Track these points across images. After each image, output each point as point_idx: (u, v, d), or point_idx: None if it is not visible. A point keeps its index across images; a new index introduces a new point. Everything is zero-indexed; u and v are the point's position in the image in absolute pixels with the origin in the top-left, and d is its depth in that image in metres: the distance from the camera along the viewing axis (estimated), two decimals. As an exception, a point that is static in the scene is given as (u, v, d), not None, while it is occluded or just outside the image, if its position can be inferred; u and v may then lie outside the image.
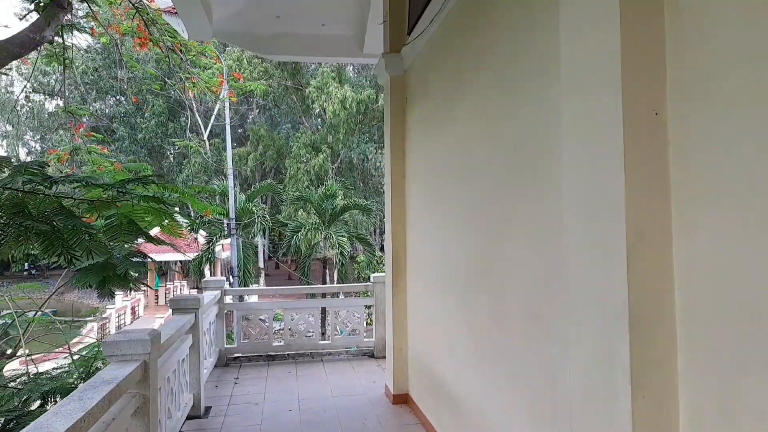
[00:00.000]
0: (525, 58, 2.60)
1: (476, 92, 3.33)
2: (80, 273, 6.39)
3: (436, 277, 4.23)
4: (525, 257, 2.62)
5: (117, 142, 41.47)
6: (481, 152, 3.21)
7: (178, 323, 4.45)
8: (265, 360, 7.10)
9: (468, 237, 3.41)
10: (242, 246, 18.85)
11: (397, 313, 5.30)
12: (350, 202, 20.07)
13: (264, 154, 35.75)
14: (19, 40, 7.44)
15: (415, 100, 4.91)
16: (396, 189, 5.33)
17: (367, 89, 31.23)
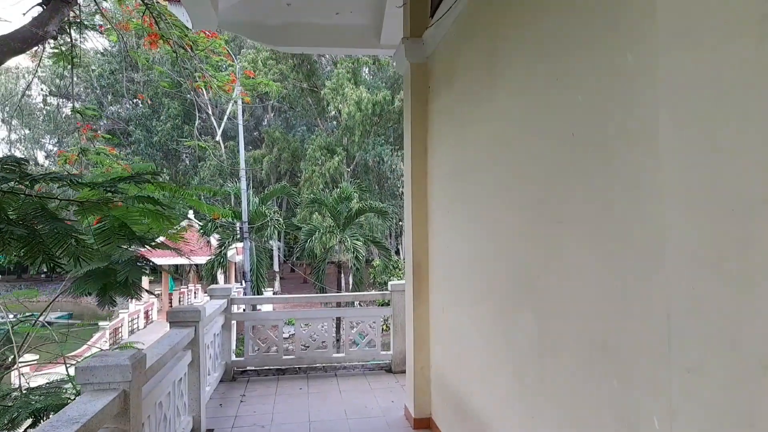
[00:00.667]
0: (583, 15, 2.07)
1: (516, 74, 2.79)
2: (80, 280, 5.96)
3: (465, 289, 3.69)
4: (586, 268, 2.08)
5: (133, 145, 41.52)
6: (524, 144, 2.67)
7: (173, 339, 3.96)
8: (275, 374, 6.60)
9: (508, 242, 2.87)
10: (255, 250, 18.43)
11: (419, 327, 4.76)
12: (366, 205, 19.59)
13: (279, 157, 35.45)
14: (21, 35, 7.04)
15: (440, 89, 4.38)
16: (417, 189, 4.80)
17: (383, 90, 30.76)
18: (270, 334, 6.72)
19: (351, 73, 31.25)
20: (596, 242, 2.00)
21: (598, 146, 1.98)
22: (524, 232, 2.64)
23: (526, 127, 2.63)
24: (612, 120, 1.87)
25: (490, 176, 3.11)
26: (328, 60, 36.73)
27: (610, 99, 1.88)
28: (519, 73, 2.73)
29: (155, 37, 10.23)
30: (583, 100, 2.08)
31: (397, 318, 6.66)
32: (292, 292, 38.23)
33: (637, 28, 1.69)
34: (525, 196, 2.62)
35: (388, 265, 19.77)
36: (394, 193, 34.36)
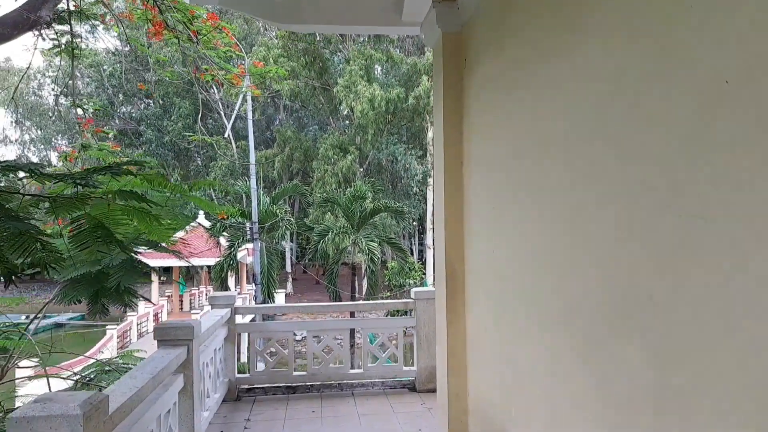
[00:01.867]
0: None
1: (616, 11, 2.03)
2: (69, 286, 5.31)
3: (524, 307, 2.91)
4: (746, 287, 1.31)
5: (144, 145, 41.17)
6: (630, 107, 1.90)
7: (157, 364, 3.23)
8: (284, 392, 5.87)
9: (602, 248, 2.09)
10: (266, 251, 17.74)
11: (454, 346, 3.99)
12: (381, 205, 18.83)
13: (291, 156, 34.83)
14: (11, 20, 6.37)
15: (481, 61, 3.61)
16: (450, 181, 4.03)
17: (397, 88, 29.99)
18: (278, 347, 5.98)
19: (364, 70, 30.52)
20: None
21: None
22: (632, 233, 1.86)
23: (632, 82, 1.86)
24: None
25: (572, 156, 2.33)
26: (341, 58, 36.08)
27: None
28: (623, 7, 1.95)
29: (160, 27, 9.53)
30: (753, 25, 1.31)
31: (421, 330, 5.90)
32: (304, 294, 37.61)
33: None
34: (635, 181, 1.85)
35: (403, 267, 18.97)
36: (408, 192, 33.60)
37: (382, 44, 32.51)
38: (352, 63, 30.73)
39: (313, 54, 33.12)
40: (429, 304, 5.87)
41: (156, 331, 3.85)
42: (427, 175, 32.91)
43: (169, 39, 8.97)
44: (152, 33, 9.90)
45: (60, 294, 5.28)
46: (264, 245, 17.49)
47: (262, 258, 17.04)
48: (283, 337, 6.04)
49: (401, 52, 36.08)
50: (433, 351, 5.88)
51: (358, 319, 6.59)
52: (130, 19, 10.75)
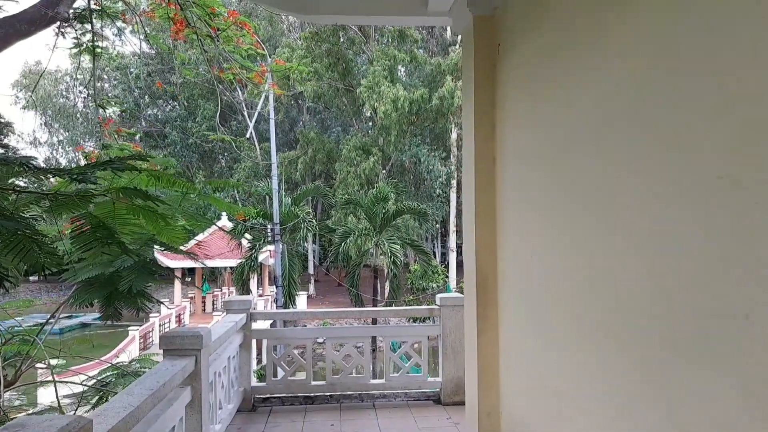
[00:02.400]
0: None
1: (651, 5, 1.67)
2: (81, 288, 5.08)
3: (569, 319, 2.55)
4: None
5: (169, 147, 41.50)
6: (697, 100, 1.54)
7: (159, 377, 2.94)
8: (302, 403, 5.56)
9: (669, 255, 1.73)
10: (288, 253, 17.51)
11: (486, 359, 3.63)
12: (404, 206, 18.46)
13: (314, 158, 34.69)
14: (29, 17, 6.21)
15: (517, 44, 3.26)
16: (481, 178, 3.68)
17: (420, 89, 29.62)
18: (296, 354, 5.68)
19: (387, 71, 30.22)
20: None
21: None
22: (716, 238, 1.50)
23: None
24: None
25: (633, 146, 1.97)
26: (364, 59, 35.86)
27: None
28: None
29: (181, 25, 9.34)
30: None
31: (447, 338, 5.53)
32: (326, 296, 37.40)
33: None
34: (714, 174, 1.48)
35: (427, 270, 18.57)
36: (431, 194, 33.20)
37: (406, 44, 32.20)
38: (375, 64, 30.47)
39: (336, 55, 32.96)
40: (455, 311, 5.52)
41: (162, 339, 3.57)
42: (450, 176, 32.46)
43: (189, 35, 8.75)
44: (174, 32, 9.73)
45: (73, 296, 5.08)
46: (285, 247, 17.27)
47: (284, 260, 16.81)
48: (302, 344, 5.74)
49: (425, 52, 35.74)
50: (460, 361, 5.52)
51: (380, 326, 6.27)
52: (152, 17, 10.61)
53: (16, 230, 2.90)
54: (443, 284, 25.15)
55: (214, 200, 5.74)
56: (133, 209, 3.63)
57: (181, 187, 4.38)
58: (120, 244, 3.29)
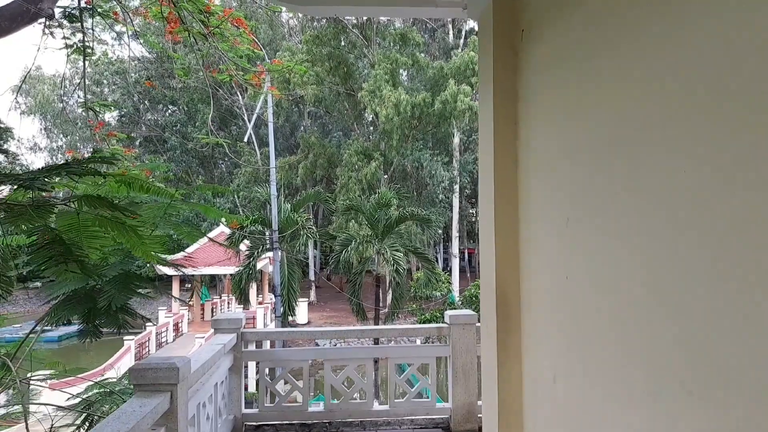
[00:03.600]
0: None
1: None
2: (60, 303, 4.62)
3: (620, 358, 2.04)
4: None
5: (168, 152, 41.13)
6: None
7: (118, 426, 2.44)
8: (298, 431, 5.06)
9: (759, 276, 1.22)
10: (287, 260, 17.00)
11: (507, 395, 3.12)
12: (406, 213, 17.97)
13: (314, 163, 34.28)
14: (9, 13, 5.76)
15: (546, 28, 2.77)
16: (501, 185, 3.17)
17: (422, 92, 29.20)
18: (291, 378, 5.18)
19: (389, 75, 29.82)
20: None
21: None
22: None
23: None
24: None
25: (713, 136, 1.46)
26: (366, 63, 35.49)
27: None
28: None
29: (175, 25, 8.90)
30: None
31: (458, 360, 5.03)
32: (328, 302, 36.88)
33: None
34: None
35: (431, 278, 18.06)
36: (434, 200, 32.78)
37: (408, 48, 31.83)
38: (377, 67, 30.08)
39: (337, 59, 32.61)
40: (466, 330, 5.03)
41: (131, 373, 3.07)
42: (453, 181, 32.03)
43: (180, 32, 8.30)
44: (168, 32, 9.28)
45: (51, 312, 4.61)
46: (285, 255, 16.77)
47: (282, 268, 16.31)
48: (298, 367, 5.24)
49: (427, 56, 35.37)
50: (471, 385, 5.02)
51: (384, 346, 5.77)
52: (146, 17, 10.18)
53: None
54: (447, 292, 24.64)
55: (202, 207, 5.28)
56: (100, 221, 3.15)
57: (158, 194, 3.90)
58: (79, 262, 2.80)
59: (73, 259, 2.76)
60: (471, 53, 28.08)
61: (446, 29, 37.86)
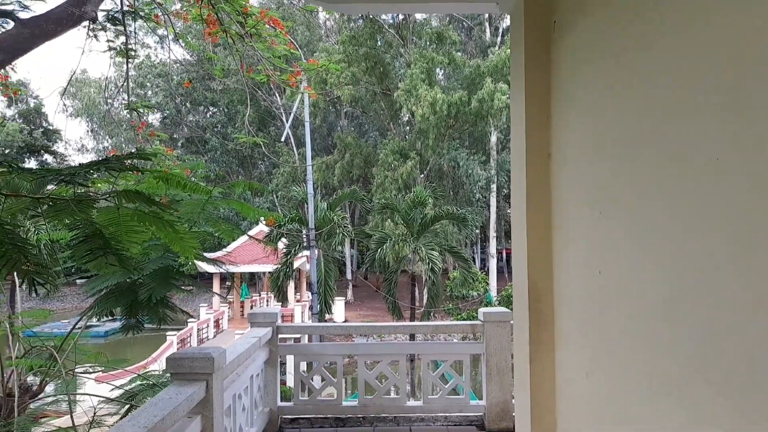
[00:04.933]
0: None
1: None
2: (103, 297, 4.78)
3: (645, 352, 2.00)
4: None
5: (209, 153, 42.02)
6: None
7: (156, 410, 2.52)
8: (332, 425, 5.11)
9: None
10: (324, 259, 17.17)
11: (539, 390, 3.09)
12: (442, 212, 17.89)
13: (351, 163, 34.48)
14: (56, 16, 6.00)
15: (579, 18, 2.73)
16: (533, 179, 3.14)
17: (459, 91, 29.00)
18: (326, 372, 5.24)
19: (425, 74, 29.73)
20: None
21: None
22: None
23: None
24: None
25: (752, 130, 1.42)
26: (402, 62, 35.50)
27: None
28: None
29: (214, 26, 9.11)
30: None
31: (492, 358, 5.00)
32: (364, 301, 37.06)
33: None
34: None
35: (467, 277, 17.94)
36: (470, 199, 32.51)
37: (444, 46, 31.68)
38: (413, 66, 30.04)
39: (373, 59, 32.71)
40: (500, 328, 4.99)
41: (168, 362, 3.17)
42: (490, 181, 31.72)
43: (218, 33, 8.48)
44: (207, 33, 9.51)
45: (95, 305, 4.79)
46: (321, 253, 16.94)
47: (319, 266, 16.49)
48: (332, 361, 5.30)
49: (463, 54, 35.15)
50: (506, 383, 4.98)
51: (418, 342, 5.78)
52: (186, 19, 10.43)
53: (0, 239, 2.55)
54: (484, 292, 24.42)
55: (239, 205, 5.38)
56: (139, 216, 3.25)
57: (195, 191, 4.00)
58: (118, 255, 2.90)
59: (112, 252, 2.86)
60: (508, 51, 27.75)
61: (483, 27, 37.50)
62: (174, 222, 3.28)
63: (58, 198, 3.00)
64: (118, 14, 8.70)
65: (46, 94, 48.43)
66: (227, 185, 5.65)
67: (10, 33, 5.54)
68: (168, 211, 3.15)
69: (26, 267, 2.67)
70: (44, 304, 18.06)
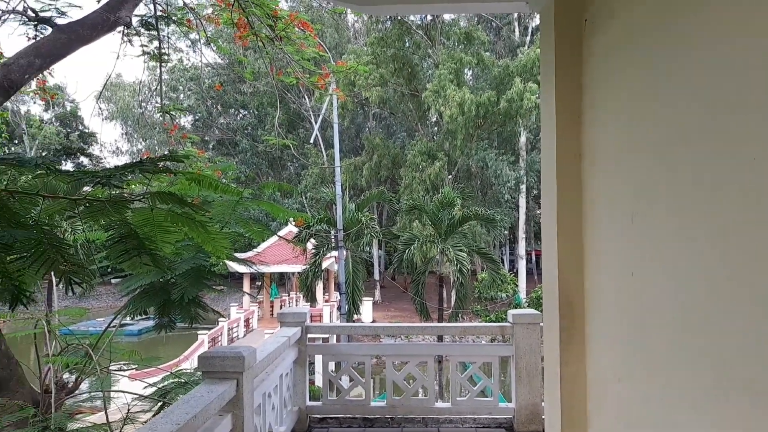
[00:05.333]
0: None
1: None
2: (137, 296, 4.89)
3: (688, 360, 1.95)
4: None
5: (240, 154, 42.60)
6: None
7: (188, 408, 2.57)
8: (360, 425, 5.13)
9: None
10: (352, 259, 17.24)
11: (571, 395, 3.04)
12: (470, 212, 17.78)
13: (379, 164, 34.54)
14: (91, 22, 6.17)
15: (612, 16, 2.69)
16: (564, 180, 3.10)
17: (487, 91, 28.78)
18: (354, 372, 5.26)
19: (453, 74, 29.60)
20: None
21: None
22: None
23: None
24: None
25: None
26: (430, 63, 35.42)
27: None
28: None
29: (244, 30, 9.24)
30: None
31: (521, 360, 4.95)
32: (392, 302, 37.06)
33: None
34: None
35: (495, 278, 17.78)
36: (499, 200, 32.21)
37: (473, 47, 31.49)
38: (441, 67, 29.95)
39: (401, 60, 32.71)
40: (530, 330, 4.93)
41: (200, 361, 3.22)
42: (519, 181, 31.39)
43: (248, 36, 8.60)
44: (238, 37, 9.65)
45: (129, 304, 4.89)
46: (349, 253, 17.02)
47: (347, 266, 16.56)
48: (360, 361, 5.32)
49: (492, 54, 34.87)
50: (536, 385, 4.92)
51: (446, 344, 5.75)
52: (217, 23, 10.60)
53: (39, 240, 2.62)
54: (513, 294, 24.19)
55: (269, 205, 5.44)
56: (172, 216, 3.31)
57: (226, 192, 4.06)
58: (152, 255, 2.96)
59: (146, 252, 2.92)
60: (537, 50, 27.44)
61: (512, 27, 37.17)
62: (206, 223, 3.34)
63: (94, 199, 3.08)
64: (152, 19, 8.89)
65: (81, 97, 49.77)
66: (257, 187, 5.70)
67: (48, 38, 5.69)
68: (200, 212, 3.21)
69: (64, 266, 2.74)
70: (80, 303, 18.58)
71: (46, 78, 10.51)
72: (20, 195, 2.80)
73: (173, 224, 3.40)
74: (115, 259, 3.12)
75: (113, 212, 3.02)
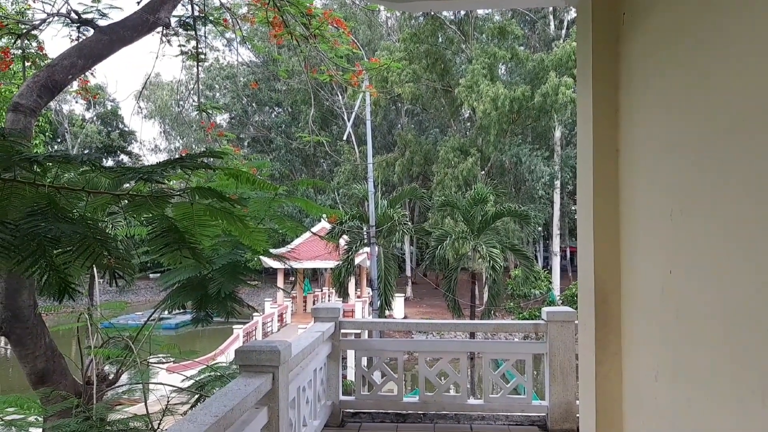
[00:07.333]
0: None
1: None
2: (176, 290, 5.02)
3: (729, 361, 1.91)
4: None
5: (274, 152, 43.13)
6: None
7: (226, 401, 2.63)
8: (393, 420, 5.16)
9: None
10: (384, 255, 17.30)
11: (605, 395, 3.01)
12: (503, 209, 17.62)
13: (411, 160, 34.49)
14: (131, 23, 6.34)
15: (649, 12, 2.63)
16: (601, 176, 3.06)
17: (521, 86, 28.40)
18: (387, 368, 5.29)
19: (487, 69, 29.29)
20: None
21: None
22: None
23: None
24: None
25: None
26: (463, 59, 35.15)
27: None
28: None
29: (279, 28, 9.36)
30: None
31: (555, 358, 4.90)
32: (424, 298, 37.05)
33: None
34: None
35: (529, 275, 17.59)
36: (533, 196, 31.78)
37: (506, 41, 31.12)
38: (474, 62, 29.68)
39: (434, 56, 32.56)
40: (564, 327, 4.88)
41: (237, 354, 3.30)
42: (554, 177, 30.93)
43: (283, 35, 8.70)
44: (273, 35, 9.77)
45: (168, 299, 5.02)
46: (381, 249, 17.07)
47: (379, 262, 16.62)
48: (393, 356, 5.35)
49: (526, 48, 34.41)
50: (570, 384, 4.87)
51: (479, 341, 5.73)
52: (252, 22, 10.74)
53: (84, 234, 2.72)
54: (546, 291, 23.88)
55: (302, 202, 5.51)
56: (211, 211, 3.40)
57: (263, 188, 4.14)
58: (191, 249, 3.04)
59: (186, 246, 3.00)
60: (573, 44, 26.92)
61: (547, 20, 36.57)
62: (244, 217, 3.41)
63: (137, 194, 3.18)
64: (190, 20, 9.06)
65: (122, 97, 51.15)
66: (291, 183, 5.79)
67: (90, 40, 5.86)
68: (237, 207, 3.28)
69: (108, 260, 2.84)
70: (120, 297, 19.10)
71: (88, 78, 10.83)
72: (66, 190, 2.90)
73: (212, 218, 3.47)
74: (157, 252, 3.22)
75: (155, 207, 3.11)
